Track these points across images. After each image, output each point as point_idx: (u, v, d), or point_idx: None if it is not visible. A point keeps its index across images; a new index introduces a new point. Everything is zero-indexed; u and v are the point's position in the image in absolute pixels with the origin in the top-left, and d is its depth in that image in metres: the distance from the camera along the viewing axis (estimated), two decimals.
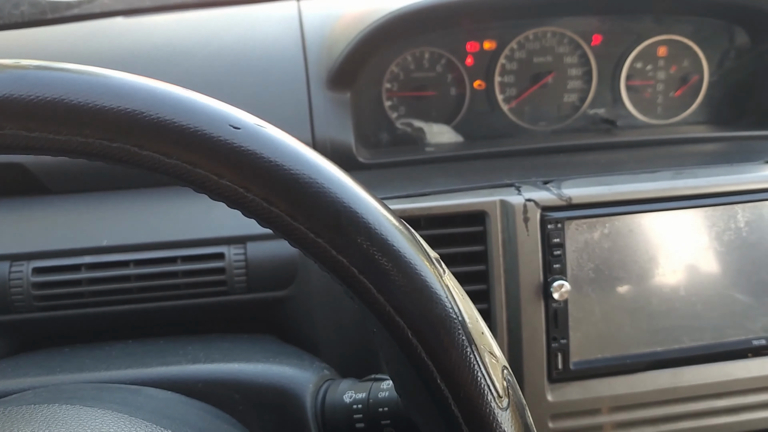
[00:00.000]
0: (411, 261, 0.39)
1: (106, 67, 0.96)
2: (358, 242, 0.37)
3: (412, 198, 0.75)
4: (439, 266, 0.43)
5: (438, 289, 0.40)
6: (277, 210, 0.37)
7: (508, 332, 0.74)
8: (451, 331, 0.40)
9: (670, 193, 0.75)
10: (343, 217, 0.37)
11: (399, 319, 0.39)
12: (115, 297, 0.76)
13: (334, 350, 0.77)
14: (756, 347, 0.78)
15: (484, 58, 1.04)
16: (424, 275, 0.39)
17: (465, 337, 0.41)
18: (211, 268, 0.78)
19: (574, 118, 1.06)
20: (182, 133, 0.35)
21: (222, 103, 0.38)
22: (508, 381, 0.44)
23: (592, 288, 0.74)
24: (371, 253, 0.38)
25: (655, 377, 0.77)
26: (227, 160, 0.35)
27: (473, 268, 0.74)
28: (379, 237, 0.38)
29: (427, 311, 0.39)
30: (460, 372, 0.41)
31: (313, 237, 0.38)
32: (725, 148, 0.94)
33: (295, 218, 0.37)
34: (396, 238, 0.39)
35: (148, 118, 0.34)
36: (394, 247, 0.38)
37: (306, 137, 0.88)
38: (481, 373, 0.41)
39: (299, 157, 0.37)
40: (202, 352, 0.68)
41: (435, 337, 0.40)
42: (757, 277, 0.77)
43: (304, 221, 0.37)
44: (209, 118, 0.36)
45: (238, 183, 0.36)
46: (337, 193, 0.37)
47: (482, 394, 0.41)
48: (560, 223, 0.72)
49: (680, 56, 1.06)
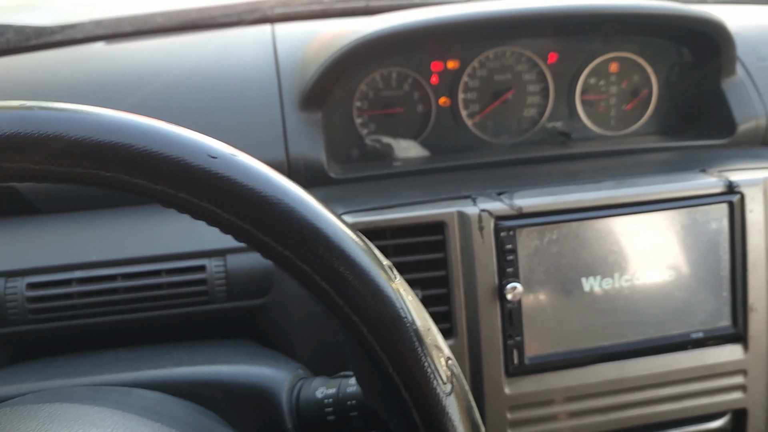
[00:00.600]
0: (365, 268, 0.46)
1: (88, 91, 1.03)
2: (320, 253, 0.44)
3: (378, 210, 0.82)
4: (391, 272, 0.50)
5: (390, 292, 0.47)
6: (249, 227, 0.44)
7: (468, 331, 0.81)
8: (401, 328, 0.47)
9: (612, 201, 0.83)
10: (306, 231, 0.44)
11: (356, 318, 0.46)
12: (105, 308, 0.82)
13: (308, 351, 0.84)
14: (694, 340, 0.85)
15: (448, 76, 1.11)
16: (377, 280, 0.46)
17: (413, 333, 0.48)
18: (194, 279, 0.84)
19: (533, 132, 1.13)
20: (167, 162, 0.41)
21: (201, 135, 0.44)
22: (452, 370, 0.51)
23: (543, 289, 0.81)
24: (331, 262, 0.45)
25: (603, 369, 0.84)
26: (206, 185, 0.42)
27: (434, 274, 0.81)
28: (337, 248, 0.45)
29: (380, 311, 0.46)
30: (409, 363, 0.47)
31: (281, 249, 0.44)
32: (670, 158, 1.02)
33: (265, 233, 0.44)
34: (352, 248, 0.46)
35: (137, 151, 0.41)
36: (350, 256, 0.45)
37: (281, 156, 0.94)
38: (428, 363, 0.48)
39: (268, 180, 0.44)
40: (186, 356, 0.74)
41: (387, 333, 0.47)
42: (694, 276, 0.85)
43: (273, 236, 0.44)
44: (190, 149, 0.43)
45: (216, 205, 0.43)
46: (300, 211, 0.44)
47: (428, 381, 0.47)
48: (512, 231, 0.79)
49: (630, 72, 1.14)
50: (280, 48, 1.07)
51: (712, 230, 0.85)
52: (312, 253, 0.44)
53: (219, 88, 1.00)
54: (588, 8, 0.99)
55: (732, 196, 0.85)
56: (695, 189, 0.85)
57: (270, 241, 0.44)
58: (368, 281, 0.46)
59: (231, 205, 0.42)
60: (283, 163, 0.94)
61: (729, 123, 1.06)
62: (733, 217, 0.85)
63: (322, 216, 0.45)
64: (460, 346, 0.81)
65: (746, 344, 0.87)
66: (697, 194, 0.85)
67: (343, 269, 0.45)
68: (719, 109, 1.07)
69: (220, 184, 0.42)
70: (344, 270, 0.45)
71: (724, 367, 0.87)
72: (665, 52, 1.13)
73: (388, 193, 0.89)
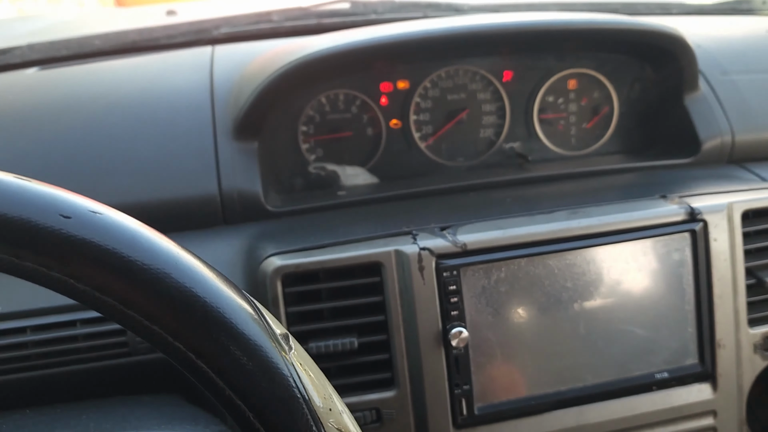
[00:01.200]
0: (252, 340, 0.39)
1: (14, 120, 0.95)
2: (195, 325, 0.37)
3: (310, 251, 0.75)
4: (285, 343, 0.42)
5: (281, 368, 0.40)
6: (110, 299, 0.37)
7: (411, 381, 0.74)
8: (294, 411, 0.40)
9: (565, 234, 0.76)
10: (178, 300, 0.37)
11: (239, 402, 0.39)
12: (12, 365, 0.75)
13: None
14: (659, 380, 0.79)
15: (399, 97, 1.05)
16: (265, 354, 0.39)
17: (309, 416, 0.40)
18: (112, 330, 0.76)
19: (490, 153, 1.07)
20: (7, 224, 0.34)
21: (56, 188, 0.37)
22: None
23: (492, 332, 0.74)
24: (208, 335, 0.38)
25: (560, 417, 0.77)
26: (56, 250, 0.35)
27: (372, 319, 0.74)
28: (216, 318, 0.38)
29: (268, 392, 0.39)
30: None
31: (148, 324, 0.37)
32: (631, 180, 0.96)
33: (129, 306, 0.37)
34: (235, 316, 0.39)
35: None
36: (233, 326, 0.38)
37: (212, 188, 0.87)
38: None
39: (132, 241, 0.37)
40: (94, 422, 0.67)
41: (277, 418, 0.40)
42: (654, 312, 0.78)
43: (138, 309, 0.37)
44: (37, 206, 0.35)
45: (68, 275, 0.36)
46: (172, 276, 0.37)
47: None
48: (456, 271, 0.73)
49: (590, 88, 1.08)
50: (216, 71, 1.00)
51: (675, 261, 0.79)
52: (184, 326, 0.37)
53: (149, 116, 0.93)
54: (541, 25, 0.93)
55: (694, 224, 0.79)
56: (655, 218, 0.78)
57: (136, 315, 0.37)
58: (254, 355, 0.38)
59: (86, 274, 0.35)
60: (216, 196, 0.87)
61: (693, 141, 1.00)
62: (697, 247, 0.79)
63: (200, 279, 0.38)
64: (402, 396, 0.74)
65: (715, 383, 0.81)
66: (657, 223, 0.78)
67: (223, 343, 0.38)
68: (683, 126, 1.02)
69: (72, 249, 0.35)
70: (224, 344, 0.38)
71: (692, 408, 0.80)
72: (625, 67, 1.08)
73: (326, 228, 0.82)
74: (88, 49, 1.21)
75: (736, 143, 1.00)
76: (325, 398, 0.43)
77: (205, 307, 0.37)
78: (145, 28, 1.23)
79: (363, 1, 1.29)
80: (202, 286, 0.38)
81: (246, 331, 0.38)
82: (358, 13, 1.27)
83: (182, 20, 1.27)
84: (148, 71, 1.04)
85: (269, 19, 1.25)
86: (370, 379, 0.74)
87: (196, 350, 0.37)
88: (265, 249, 0.77)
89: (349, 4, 1.30)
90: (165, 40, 1.21)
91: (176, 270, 0.37)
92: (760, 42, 1.13)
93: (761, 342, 0.82)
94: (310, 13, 1.26)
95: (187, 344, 0.37)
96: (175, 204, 0.85)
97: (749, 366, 0.82)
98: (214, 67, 1.02)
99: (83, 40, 1.21)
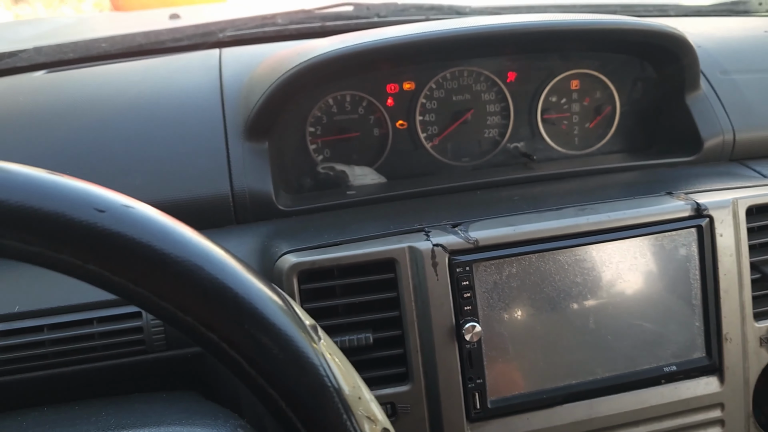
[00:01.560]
0: (282, 330, 0.40)
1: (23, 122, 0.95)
2: (227, 316, 0.38)
3: (324, 248, 0.76)
4: (314, 334, 0.43)
5: (312, 358, 0.41)
6: (145, 291, 0.38)
7: (425, 376, 0.75)
8: (325, 399, 0.41)
9: (574, 230, 0.78)
10: (211, 292, 0.38)
11: (272, 392, 0.40)
12: (30, 363, 0.75)
13: (254, 404, 0.77)
14: (667, 374, 0.80)
15: (405, 98, 1.06)
16: (296, 344, 0.40)
17: (341, 405, 0.41)
18: (129, 327, 0.77)
19: (495, 153, 1.09)
20: (44, 219, 0.35)
21: (89, 183, 0.38)
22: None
23: (504, 327, 0.76)
24: (240, 326, 0.38)
25: (571, 410, 0.78)
26: (91, 244, 0.36)
27: (387, 315, 0.75)
28: (247, 309, 0.39)
29: (300, 380, 0.40)
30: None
31: (182, 315, 0.38)
32: (635, 178, 0.98)
33: (163, 298, 0.38)
34: (266, 308, 0.40)
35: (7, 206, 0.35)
36: (264, 317, 0.39)
37: (225, 188, 0.88)
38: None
39: (164, 235, 0.38)
40: (114, 417, 0.67)
41: (309, 406, 0.41)
42: (663, 306, 0.80)
43: (172, 301, 0.38)
44: (73, 202, 0.36)
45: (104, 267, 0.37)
46: (204, 269, 0.38)
47: None
48: (468, 266, 0.74)
49: (592, 88, 1.10)
50: (225, 73, 1.02)
51: (681, 257, 0.80)
52: (218, 317, 0.38)
53: (160, 118, 0.94)
54: (546, 26, 0.95)
55: (700, 220, 0.80)
56: (661, 214, 0.80)
57: (170, 306, 0.38)
58: (286, 346, 0.40)
59: (121, 266, 0.36)
60: (227, 196, 0.88)
61: (695, 139, 1.02)
62: (703, 242, 0.80)
63: (231, 272, 0.39)
64: (417, 391, 0.75)
65: (722, 376, 0.82)
66: (664, 219, 0.80)
67: (256, 333, 0.39)
68: (684, 125, 1.04)
69: (108, 242, 0.36)
70: (256, 334, 0.39)
71: (699, 401, 0.82)
72: (627, 68, 1.09)
73: (338, 226, 0.83)
74: (95, 51, 1.21)
75: (737, 141, 1.01)
76: (353, 387, 0.44)
77: (237, 298, 0.38)
78: (151, 31, 1.24)
79: (366, 4, 1.31)
80: (234, 278, 0.39)
81: (276, 321, 0.39)
82: (361, 16, 1.28)
83: (186, 23, 1.28)
84: (157, 73, 1.05)
85: (274, 22, 1.26)
86: (385, 374, 0.75)
87: (228, 340, 0.38)
88: (280, 247, 0.78)
89: (353, 7, 1.32)
90: (171, 43, 1.22)
91: (208, 263, 0.38)
92: (758, 42, 1.15)
93: (767, 335, 0.83)
94: (315, 16, 1.27)
95: (219, 334, 0.38)
96: (187, 204, 0.86)
97: (755, 359, 0.83)
98: (222, 69, 1.03)
99: (90, 43, 1.22)
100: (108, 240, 0.36)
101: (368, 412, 0.45)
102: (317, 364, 0.41)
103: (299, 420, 0.40)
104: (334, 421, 0.41)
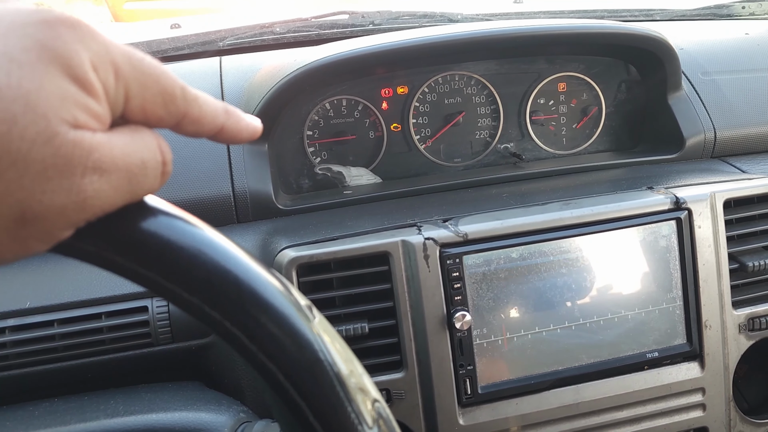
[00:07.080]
0: (279, 309, 0.44)
1: None
2: (229, 296, 0.42)
3: (321, 243, 0.80)
4: (309, 312, 0.47)
5: (307, 334, 0.45)
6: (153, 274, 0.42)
7: (418, 363, 0.79)
8: (320, 372, 0.45)
9: (559, 223, 0.82)
10: (214, 274, 0.42)
11: (271, 366, 0.44)
12: (41, 357, 0.79)
13: (256, 391, 0.81)
14: (650, 360, 0.84)
15: (398, 102, 1.10)
16: (292, 322, 0.44)
17: (334, 377, 0.45)
18: (135, 321, 0.81)
19: (486, 154, 1.13)
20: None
21: None
22: (379, 413, 0.49)
23: (493, 316, 0.80)
24: (240, 305, 0.42)
25: (558, 395, 0.82)
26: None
27: (382, 306, 0.79)
28: (247, 289, 0.43)
29: (296, 355, 0.44)
30: (330, 409, 0.45)
31: (187, 296, 0.42)
32: (619, 175, 1.02)
33: (170, 280, 0.41)
34: (264, 289, 0.44)
35: None
36: (262, 297, 0.43)
37: (226, 189, 0.92)
38: (351, 409, 0.46)
39: (169, 222, 0.42)
40: (122, 405, 0.71)
41: (305, 378, 0.45)
42: (644, 295, 0.84)
43: (179, 282, 0.42)
44: None
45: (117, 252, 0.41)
46: (207, 253, 0.42)
47: (352, 427, 0.45)
48: (458, 258, 0.78)
49: (579, 91, 1.14)
50: (226, 80, 1.06)
51: (662, 248, 0.84)
52: (221, 297, 0.42)
53: None
54: (534, 31, 0.99)
55: (679, 212, 0.84)
56: (642, 207, 0.84)
57: (176, 288, 0.42)
58: (283, 323, 0.43)
59: (131, 251, 0.40)
60: (229, 196, 0.92)
61: (677, 138, 1.06)
62: (682, 234, 0.84)
63: (232, 256, 0.43)
64: (410, 378, 0.79)
65: (702, 362, 0.86)
66: (645, 212, 0.84)
67: (255, 312, 0.43)
68: (667, 124, 1.08)
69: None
70: (256, 313, 0.43)
71: (681, 386, 0.85)
72: (612, 70, 1.14)
73: (335, 223, 0.87)
74: None
75: (718, 139, 1.06)
76: (347, 361, 0.48)
77: (238, 281, 0.42)
78: (153, 40, 1.28)
79: (361, 13, 1.35)
80: (234, 262, 0.43)
81: (274, 301, 0.43)
82: (356, 24, 1.33)
83: (187, 33, 1.32)
84: None
85: (272, 30, 1.30)
86: (380, 361, 0.79)
87: (230, 317, 0.42)
88: (279, 243, 0.82)
89: (348, 15, 1.36)
90: (173, 52, 1.27)
91: (210, 248, 0.42)
92: (739, 44, 1.19)
93: (745, 323, 0.87)
94: (311, 24, 1.31)
95: (222, 312, 0.42)
96: (190, 204, 0.90)
97: (734, 345, 0.87)
98: (223, 76, 1.07)
99: None
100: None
101: (360, 385, 0.49)
102: (312, 339, 0.44)
103: (296, 391, 0.44)
104: (329, 391, 0.45)
